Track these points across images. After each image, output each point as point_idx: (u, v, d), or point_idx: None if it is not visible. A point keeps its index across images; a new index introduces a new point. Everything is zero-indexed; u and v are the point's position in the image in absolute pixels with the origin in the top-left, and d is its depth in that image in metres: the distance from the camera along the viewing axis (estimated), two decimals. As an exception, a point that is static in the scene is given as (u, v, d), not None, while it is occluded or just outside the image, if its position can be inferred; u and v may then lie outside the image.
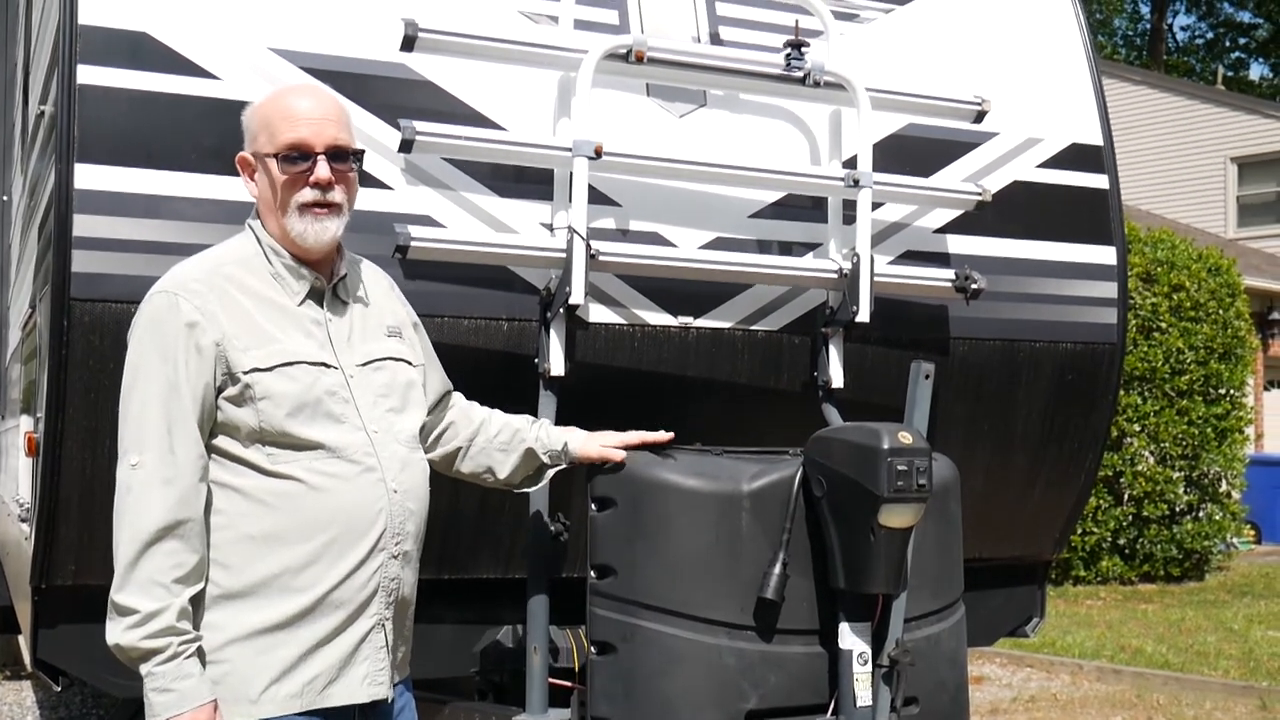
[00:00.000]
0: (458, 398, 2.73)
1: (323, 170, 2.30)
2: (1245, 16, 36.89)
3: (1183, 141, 21.11)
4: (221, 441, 2.24)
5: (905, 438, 2.69)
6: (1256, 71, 37.27)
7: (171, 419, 2.18)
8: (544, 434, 2.74)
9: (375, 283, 2.52)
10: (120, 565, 2.15)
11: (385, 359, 2.41)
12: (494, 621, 3.40)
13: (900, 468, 2.65)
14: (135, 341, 2.25)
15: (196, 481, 2.19)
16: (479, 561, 3.36)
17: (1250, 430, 13.39)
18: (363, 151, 2.43)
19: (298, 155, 2.29)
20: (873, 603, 2.80)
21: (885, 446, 2.66)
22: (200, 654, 2.17)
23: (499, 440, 2.71)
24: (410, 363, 2.47)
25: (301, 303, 2.32)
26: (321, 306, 2.35)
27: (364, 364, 2.36)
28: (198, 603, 2.19)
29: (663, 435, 2.85)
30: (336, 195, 2.32)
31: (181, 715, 2.12)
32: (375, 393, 2.36)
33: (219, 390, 2.22)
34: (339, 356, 2.32)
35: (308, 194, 2.30)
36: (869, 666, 2.79)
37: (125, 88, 2.99)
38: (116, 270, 2.94)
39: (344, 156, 2.34)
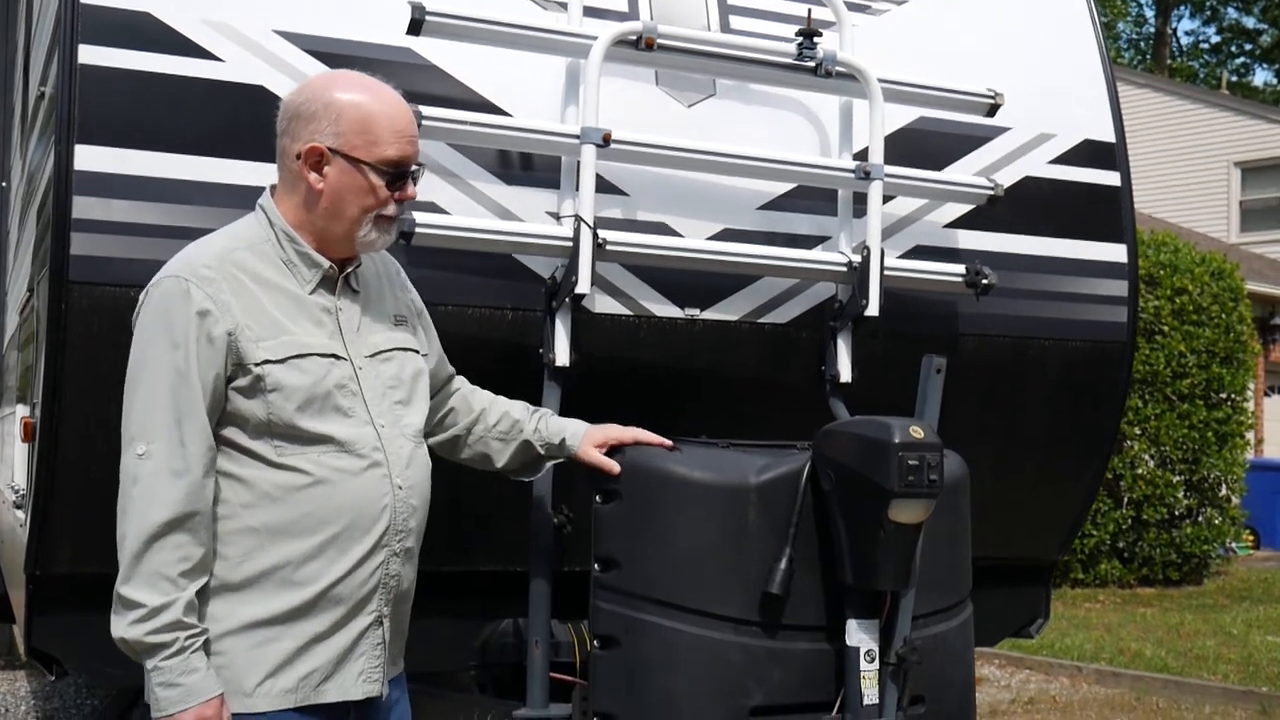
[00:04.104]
0: (461, 382, 2.70)
1: (412, 188, 2.31)
2: (1250, 22, 36.88)
3: (1186, 146, 21.08)
4: (228, 432, 2.19)
5: (917, 432, 2.65)
6: (1261, 77, 37.30)
7: (181, 410, 2.13)
8: (543, 426, 2.70)
9: (384, 269, 2.48)
10: (126, 557, 2.11)
11: (394, 350, 2.37)
12: (495, 615, 3.36)
13: (911, 462, 2.60)
14: (143, 327, 2.20)
15: (205, 474, 2.15)
16: (480, 553, 3.32)
17: (1250, 435, 13.36)
18: (424, 166, 2.41)
19: (398, 173, 2.28)
20: (880, 599, 2.75)
21: (897, 440, 2.61)
22: (206, 647, 2.13)
23: (498, 430, 2.69)
24: (418, 351, 2.43)
25: (313, 290, 2.28)
26: (333, 294, 2.31)
27: (372, 355, 2.32)
28: (198, 594, 2.14)
29: (665, 441, 2.79)
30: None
31: (188, 710, 2.08)
32: (384, 385, 2.32)
33: (229, 380, 2.18)
34: (348, 347, 2.28)
35: (393, 208, 2.30)
36: (876, 664, 2.74)
37: (127, 68, 2.95)
38: (116, 253, 2.89)
39: (416, 174, 2.34)
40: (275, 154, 2.33)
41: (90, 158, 2.89)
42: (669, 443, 2.78)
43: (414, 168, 2.32)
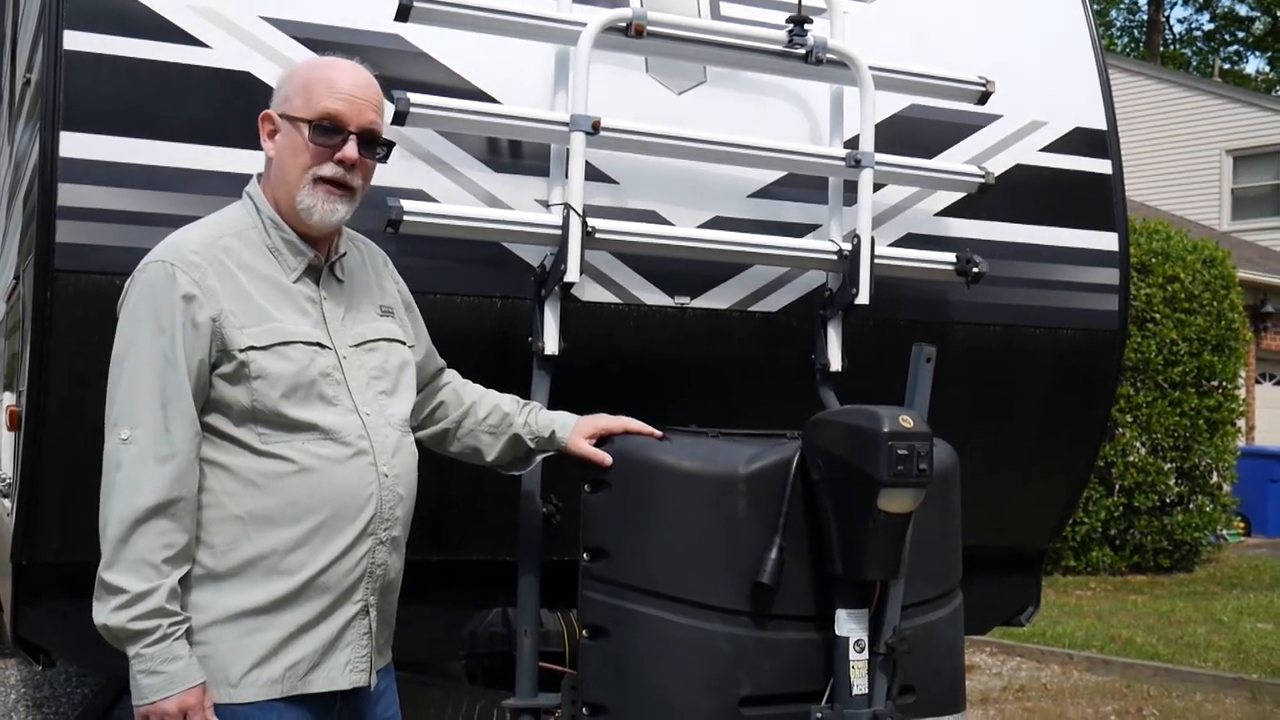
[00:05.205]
0: (452, 375, 2.69)
1: (351, 149, 2.26)
2: (1243, 9, 36.88)
3: (1178, 133, 21.07)
4: (212, 419, 2.18)
5: (906, 421, 2.64)
6: (1253, 65, 37.31)
7: (166, 394, 2.12)
8: (532, 419, 2.70)
9: (370, 259, 2.47)
10: (109, 543, 2.10)
11: (379, 340, 2.36)
12: (484, 604, 3.35)
13: (901, 452, 2.59)
14: (128, 312, 2.19)
15: (192, 460, 2.14)
16: (469, 543, 3.31)
17: (1242, 423, 13.36)
18: (392, 144, 2.37)
19: (331, 128, 2.24)
20: (870, 589, 2.74)
21: (886, 430, 2.61)
22: (189, 635, 2.12)
23: (487, 423, 2.68)
24: (404, 343, 2.42)
25: (297, 279, 2.27)
26: (317, 284, 2.29)
27: (357, 345, 2.31)
28: (183, 583, 2.14)
29: (655, 431, 2.78)
30: (355, 179, 2.28)
31: (170, 698, 2.08)
32: (368, 375, 2.31)
33: (213, 367, 2.17)
34: (333, 337, 2.27)
35: (329, 169, 2.25)
36: (865, 654, 2.74)
37: (112, 54, 2.92)
38: (102, 241, 2.88)
39: (373, 143, 2.30)
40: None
41: (75, 144, 2.87)
42: (658, 432, 2.77)
43: (358, 130, 2.25)
